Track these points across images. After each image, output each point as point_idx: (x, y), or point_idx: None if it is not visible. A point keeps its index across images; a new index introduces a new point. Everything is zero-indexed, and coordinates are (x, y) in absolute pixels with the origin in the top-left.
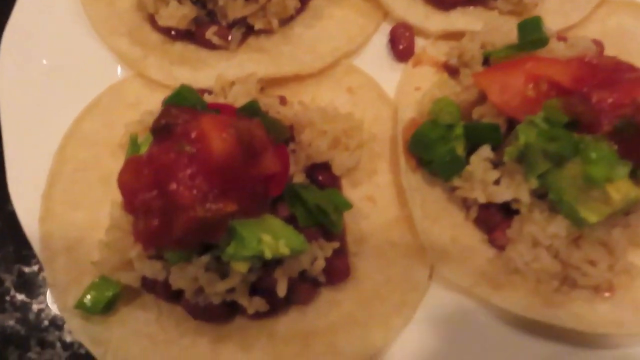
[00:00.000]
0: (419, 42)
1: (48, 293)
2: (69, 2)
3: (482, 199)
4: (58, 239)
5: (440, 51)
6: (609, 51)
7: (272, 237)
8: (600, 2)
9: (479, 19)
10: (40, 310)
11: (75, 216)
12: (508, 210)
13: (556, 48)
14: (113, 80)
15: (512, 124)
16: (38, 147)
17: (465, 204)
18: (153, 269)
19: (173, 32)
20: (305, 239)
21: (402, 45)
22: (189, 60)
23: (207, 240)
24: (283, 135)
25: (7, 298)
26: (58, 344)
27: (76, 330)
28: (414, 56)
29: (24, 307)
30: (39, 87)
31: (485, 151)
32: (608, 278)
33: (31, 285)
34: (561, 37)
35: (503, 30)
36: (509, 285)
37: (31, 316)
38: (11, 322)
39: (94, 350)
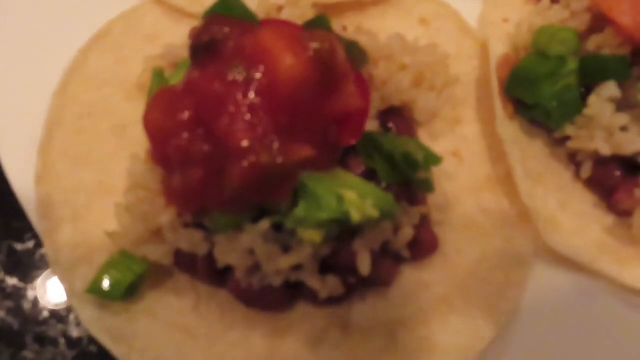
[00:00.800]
0: None
1: (47, 275)
2: None
3: (605, 151)
4: (61, 204)
5: None
6: None
7: (357, 195)
8: None
9: None
10: (37, 298)
11: (82, 175)
12: (631, 167)
13: None
14: (126, 5)
15: (636, 57)
16: (33, 85)
17: (575, 160)
18: (191, 240)
19: None
20: (394, 198)
21: None
22: None
23: (269, 199)
24: (364, 61)
25: None
26: (62, 341)
27: (89, 321)
28: None
29: (17, 294)
30: (35, 10)
31: (609, 89)
32: None
33: (25, 267)
34: None
35: None
36: (638, 259)
37: (26, 305)
38: (1, 314)
39: (114, 349)
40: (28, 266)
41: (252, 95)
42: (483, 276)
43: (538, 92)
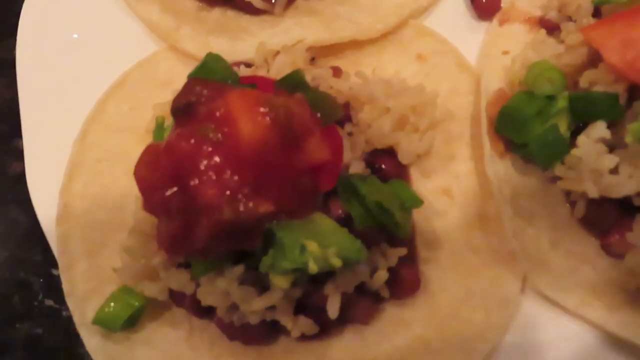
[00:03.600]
0: None
1: None
2: None
3: (593, 193)
4: (77, 241)
5: (534, 4)
6: None
7: (319, 244)
8: None
9: None
10: (69, 318)
11: (98, 214)
12: (627, 207)
13: None
14: (143, 54)
15: (635, 93)
16: (58, 133)
17: (570, 199)
18: (179, 280)
19: None
20: (362, 246)
21: None
22: (227, 28)
23: (238, 248)
24: (335, 115)
25: (35, 303)
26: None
27: (94, 350)
28: (500, 11)
29: (53, 314)
30: (60, 64)
31: (599, 129)
32: None
33: (60, 290)
34: None
35: None
36: (629, 306)
37: (59, 324)
38: (39, 331)
39: None
40: (62, 290)
41: (219, 154)
42: (465, 316)
43: (525, 131)
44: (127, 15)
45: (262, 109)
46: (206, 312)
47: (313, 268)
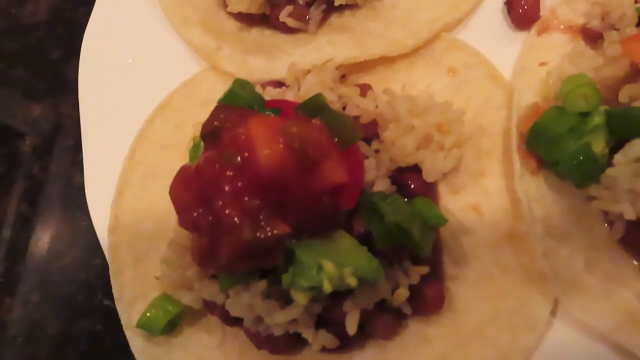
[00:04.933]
0: (547, 2)
1: None
2: None
3: (630, 215)
4: (126, 250)
5: (576, 11)
6: None
7: (335, 263)
8: None
9: None
10: None
11: (144, 226)
12: None
13: None
14: (188, 75)
15: None
16: (113, 149)
17: (608, 218)
18: (211, 291)
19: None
20: (380, 266)
21: (523, 6)
22: (264, 47)
23: (259, 266)
24: (353, 138)
25: (96, 302)
26: None
27: (137, 350)
28: (539, 20)
29: (110, 313)
30: (116, 86)
31: (637, 147)
32: None
33: None
34: None
35: None
36: None
37: (116, 323)
38: (99, 327)
39: None
40: None
41: (240, 178)
42: (489, 336)
43: (556, 149)
44: (174, 39)
45: (277, 137)
46: (236, 321)
47: (327, 288)
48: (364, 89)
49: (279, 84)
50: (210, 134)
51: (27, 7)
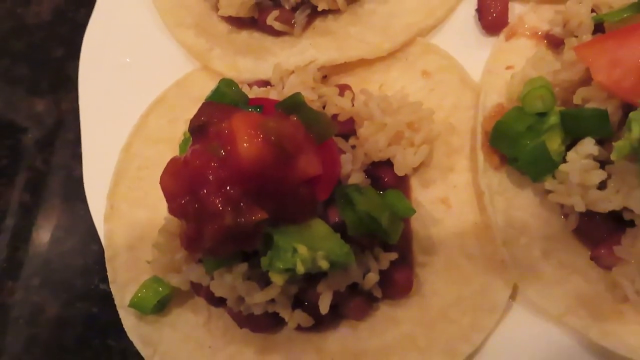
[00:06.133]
0: (516, 9)
1: None
2: None
3: (580, 207)
4: (121, 237)
5: (542, 18)
6: None
7: (309, 247)
8: None
9: None
10: None
11: (138, 214)
12: (620, 220)
13: None
14: (182, 74)
15: (628, 110)
16: (110, 143)
17: (563, 211)
18: (197, 274)
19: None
20: (350, 250)
21: (493, 13)
22: (253, 49)
23: (240, 249)
24: (329, 133)
25: (92, 287)
26: None
27: (129, 328)
28: (507, 27)
29: (106, 297)
30: (114, 84)
31: (587, 146)
32: None
33: None
34: None
35: None
36: (615, 317)
37: (111, 306)
38: (95, 310)
39: (143, 351)
40: None
41: (224, 169)
42: (453, 318)
43: (516, 146)
44: (169, 40)
45: (257, 132)
46: (220, 302)
47: (300, 269)
48: (342, 89)
49: (265, 83)
50: (197, 128)
51: (32, 8)
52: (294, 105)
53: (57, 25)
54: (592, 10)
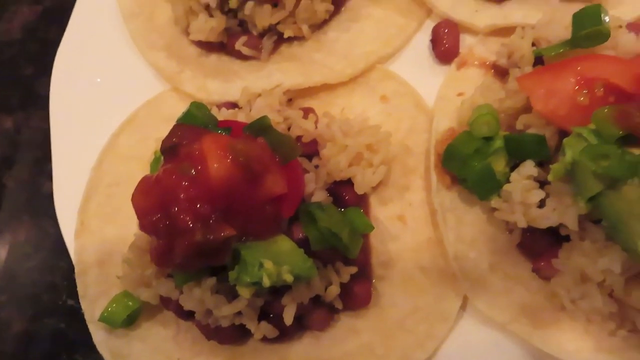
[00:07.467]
0: (467, 41)
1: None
2: (115, 19)
3: (522, 224)
4: (91, 252)
5: (490, 50)
6: None
7: (275, 262)
8: None
9: (538, 10)
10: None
11: (108, 231)
12: (557, 235)
13: (624, 42)
14: (152, 94)
15: (563, 136)
16: (80, 161)
17: (508, 227)
18: (166, 288)
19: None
20: (313, 265)
21: (445, 44)
22: (221, 72)
23: (210, 264)
24: (294, 154)
25: (60, 302)
26: None
27: (99, 342)
28: (458, 57)
29: (74, 312)
30: (85, 103)
31: (527, 168)
32: None
33: None
34: (634, 27)
35: (562, 22)
36: (554, 324)
37: (79, 321)
38: (62, 326)
39: None
40: None
41: (194, 188)
42: (409, 328)
43: (465, 168)
44: (140, 61)
45: (226, 153)
46: (188, 315)
47: (266, 282)
48: (307, 112)
49: (233, 105)
50: (169, 149)
51: (2, 25)
52: (261, 128)
53: (27, 42)
54: (533, 44)
